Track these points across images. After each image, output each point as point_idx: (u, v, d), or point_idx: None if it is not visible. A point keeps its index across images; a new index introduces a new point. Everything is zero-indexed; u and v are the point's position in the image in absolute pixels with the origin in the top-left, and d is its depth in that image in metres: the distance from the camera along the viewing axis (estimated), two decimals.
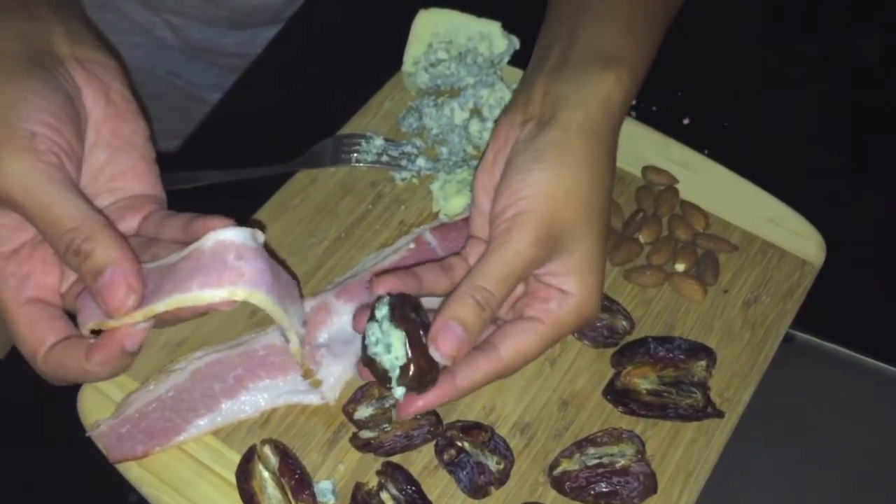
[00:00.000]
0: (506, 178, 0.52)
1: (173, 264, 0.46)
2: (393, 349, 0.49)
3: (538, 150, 0.52)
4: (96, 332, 0.46)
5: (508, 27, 0.72)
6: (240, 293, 0.44)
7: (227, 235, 0.46)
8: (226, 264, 0.45)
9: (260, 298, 0.45)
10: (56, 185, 0.45)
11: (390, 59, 0.74)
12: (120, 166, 0.51)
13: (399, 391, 0.49)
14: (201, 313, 0.48)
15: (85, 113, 0.50)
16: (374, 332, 0.50)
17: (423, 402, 0.50)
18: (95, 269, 0.44)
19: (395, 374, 0.49)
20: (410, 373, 0.48)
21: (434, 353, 0.49)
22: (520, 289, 0.54)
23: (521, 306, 0.54)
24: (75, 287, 0.49)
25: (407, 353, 0.48)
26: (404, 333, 0.48)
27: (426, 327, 0.49)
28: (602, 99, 0.54)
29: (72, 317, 0.49)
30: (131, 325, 0.45)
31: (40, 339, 0.47)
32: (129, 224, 0.51)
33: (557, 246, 0.51)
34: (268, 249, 0.64)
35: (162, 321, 0.47)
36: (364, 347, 0.50)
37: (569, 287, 0.52)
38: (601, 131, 0.54)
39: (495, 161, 0.55)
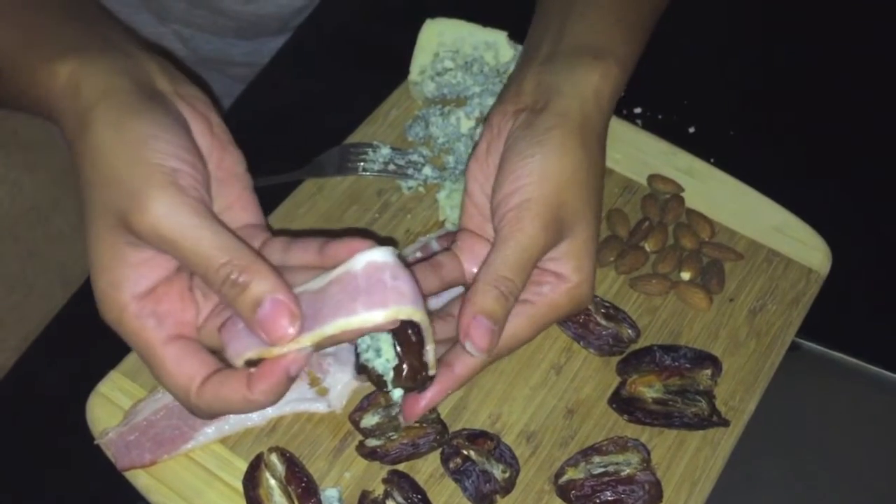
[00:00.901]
0: (506, 166, 0.52)
1: (323, 289, 0.46)
2: (383, 352, 0.48)
3: (538, 137, 0.52)
4: (252, 364, 0.46)
5: (514, 36, 0.73)
6: (403, 312, 0.45)
7: (377, 256, 0.46)
8: (385, 285, 0.45)
9: (420, 316, 0.46)
10: (204, 220, 0.45)
11: (397, 68, 0.74)
12: (228, 198, 0.51)
13: (397, 393, 0.49)
14: (361, 335, 0.48)
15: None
16: (363, 339, 0.50)
17: (425, 400, 0.50)
18: (254, 301, 0.44)
19: (389, 377, 0.49)
20: (404, 373, 0.48)
21: (470, 349, 0.48)
22: None
23: None
24: (211, 321, 0.49)
25: (397, 354, 0.48)
26: (391, 335, 0.48)
27: (414, 326, 0.49)
28: (593, 89, 0.54)
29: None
30: (296, 351, 0.45)
31: (190, 375, 0.46)
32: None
33: (563, 230, 0.51)
34: None
35: (319, 345, 0.47)
36: (356, 356, 0.50)
37: (565, 271, 0.52)
38: (595, 119, 0.54)
39: (489, 151, 0.55)
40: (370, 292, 0.45)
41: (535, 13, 0.62)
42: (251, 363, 0.46)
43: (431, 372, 0.48)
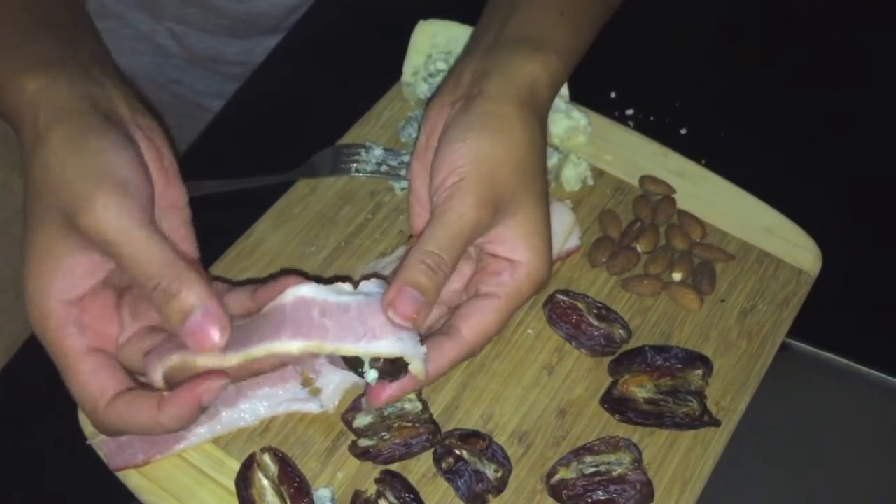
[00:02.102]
0: (440, 153, 0.52)
1: (253, 320, 0.48)
2: None
3: (471, 121, 0.52)
4: (169, 387, 0.47)
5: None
6: (327, 347, 0.47)
7: (305, 291, 0.48)
8: (312, 321, 0.47)
9: (348, 350, 0.47)
10: (146, 227, 0.46)
11: (390, 69, 0.74)
12: (168, 230, 0.52)
13: (372, 374, 0.49)
14: (282, 364, 0.49)
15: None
16: None
17: (391, 390, 0.50)
18: (184, 309, 0.45)
19: (367, 358, 0.49)
20: (384, 361, 0.48)
21: (393, 318, 0.48)
22: (468, 269, 0.55)
23: (474, 284, 0.54)
24: (134, 342, 0.50)
25: None
26: None
27: None
28: (528, 77, 0.55)
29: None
30: (209, 379, 0.46)
31: (102, 388, 0.47)
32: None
33: (500, 209, 0.52)
34: (267, 257, 0.65)
35: (236, 375, 0.48)
36: None
37: (517, 255, 0.52)
38: (530, 106, 0.54)
39: (427, 146, 0.55)
40: (296, 324, 0.47)
41: (485, 7, 0.62)
42: (169, 384, 0.47)
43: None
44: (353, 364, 0.49)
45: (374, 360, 0.49)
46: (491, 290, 0.52)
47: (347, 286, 0.50)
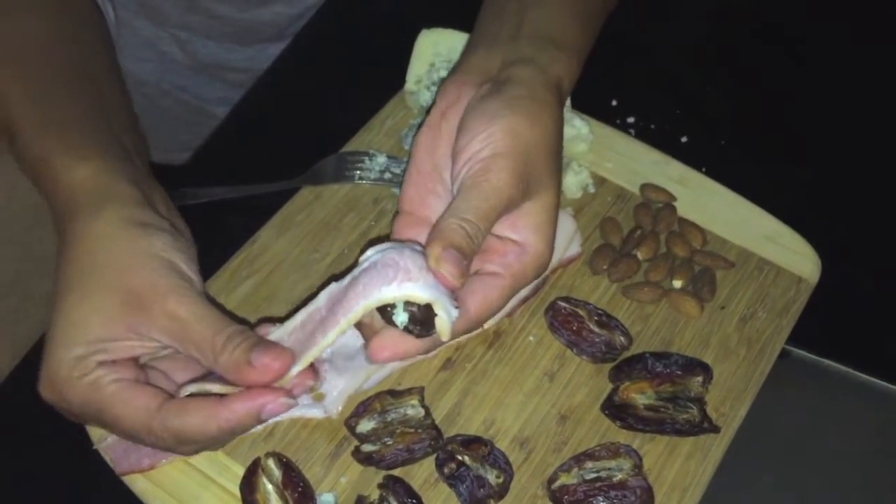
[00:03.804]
0: (469, 128, 0.52)
1: (292, 333, 0.52)
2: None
3: (508, 101, 0.53)
4: None
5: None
6: (371, 303, 0.49)
7: (331, 287, 0.52)
8: (344, 298, 0.50)
9: (385, 297, 0.49)
10: (209, 308, 0.50)
11: (393, 77, 0.75)
12: None
13: (402, 317, 0.49)
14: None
15: None
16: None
17: (391, 351, 0.50)
18: (249, 347, 0.49)
19: (401, 302, 0.49)
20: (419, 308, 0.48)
21: (445, 275, 0.48)
22: None
23: (478, 262, 0.53)
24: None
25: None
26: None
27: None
28: (555, 75, 0.56)
29: None
30: (274, 394, 0.49)
31: (147, 402, 0.49)
32: (190, 374, 0.54)
33: (528, 190, 0.52)
34: (271, 263, 0.66)
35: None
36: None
37: (528, 240, 0.52)
38: (556, 103, 0.55)
39: (445, 117, 0.55)
40: (333, 313, 0.50)
41: (485, 2, 0.62)
42: None
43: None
44: (383, 308, 0.49)
45: (408, 304, 0.48)
46: (496, 269, 0.52)
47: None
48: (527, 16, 0.59)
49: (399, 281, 0.48)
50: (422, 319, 0.49)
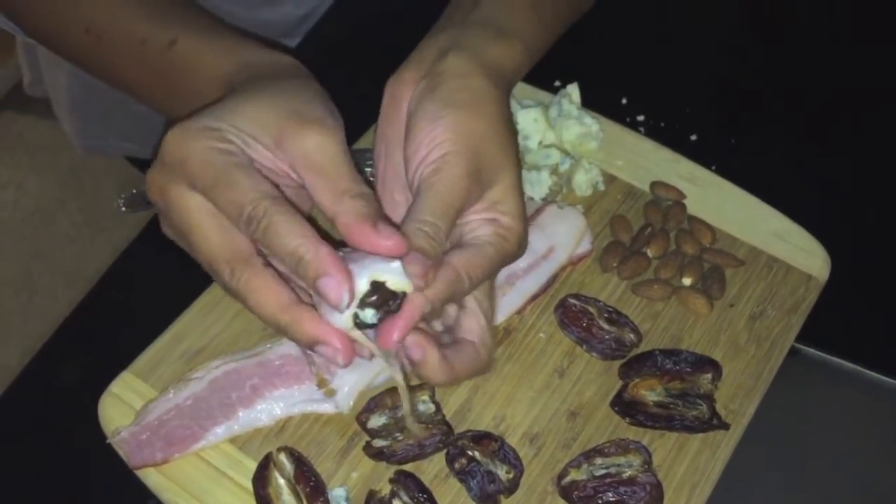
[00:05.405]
0: (416, 132, 0.52)
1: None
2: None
3: (446, 98, 0.53)
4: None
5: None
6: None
7: None
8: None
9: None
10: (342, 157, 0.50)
11: None
12: None
13: (368, 313, 0.47)
14: None
15: None
16: None
17: (400, 322, 0.48)
18: (365, 203, 0.48)
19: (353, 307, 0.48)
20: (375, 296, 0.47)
21: (410, 279, 0.47)
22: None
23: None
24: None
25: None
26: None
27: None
28: (492, 59, 0.55)
29: None
30: (334, 336, 0.47)
31: (239, 247, 0.48)
32: None
33: (486, 179, 0.52)
34: None
35: None
36: None
37: (500, 217, 0.52)
38: (495, 80, 0.55)
39: (388, 122, 0.56)
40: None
41: None
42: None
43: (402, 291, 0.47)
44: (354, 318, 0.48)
45: (362, 304, 0.47)
46: (474, 241, 0.52)
47: None
48: (480, 4, 0.59)
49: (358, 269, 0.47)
50: (384, 302, 0.47)
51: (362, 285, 0.47)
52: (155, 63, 0.61)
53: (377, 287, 0.47)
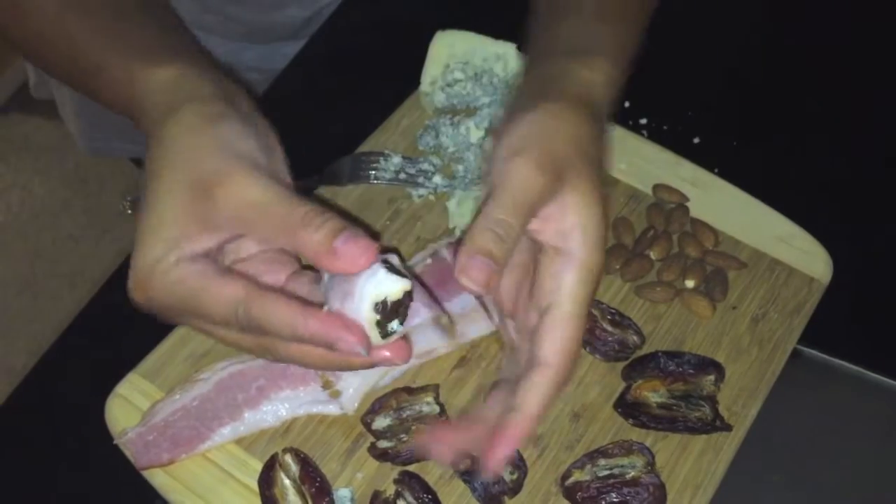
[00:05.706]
0: (502, 138, 0.51)
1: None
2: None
3: (524, 117, 0.51)
4: None
5: (523, 49, 0.74)
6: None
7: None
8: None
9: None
10: (281, 190, 0.48)
11: (408, 78, 0.75)
12: None
13: (395, 325, 0.47)
14: None
15: None
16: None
17: (507, 440, 0.46)
18: (335, 229, 0.45)
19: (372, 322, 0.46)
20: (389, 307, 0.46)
21: (467, 285, 0.46)
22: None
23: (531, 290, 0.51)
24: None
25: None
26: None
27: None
28: (581, 81, 0.54)
29: None
30: (354, 334, 0.45)
31: (235, 290, 0.47)
32: (277, 277, 0.51)
33: (561, 177, 0.49)
34: None
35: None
36: None
37: (569, 243, 0.49)
38: (584, 101, 0.53)
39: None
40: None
41: (528, 26, 0.62)
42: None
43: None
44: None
45: (380, 325, 0.46)
46: (551, 299, 0.49)
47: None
48: (559, 35, 0.58)
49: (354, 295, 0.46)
50: (395, 313, 0.47)
51: (369, 314, 0.46)
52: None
53: (384, 305, 0.46)
